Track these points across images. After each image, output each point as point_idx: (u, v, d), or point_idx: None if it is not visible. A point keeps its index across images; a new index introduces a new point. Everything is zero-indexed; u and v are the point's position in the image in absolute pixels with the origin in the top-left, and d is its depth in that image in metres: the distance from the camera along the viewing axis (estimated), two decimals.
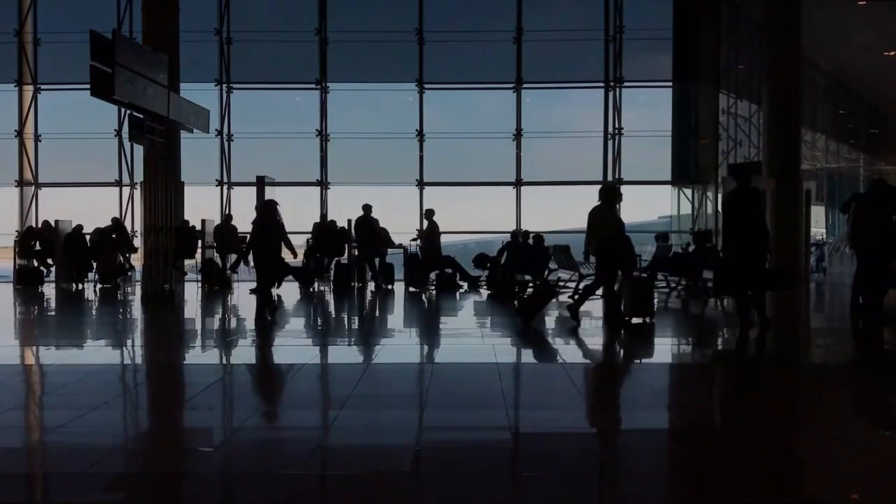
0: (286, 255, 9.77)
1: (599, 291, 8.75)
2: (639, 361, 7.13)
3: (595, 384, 5.87)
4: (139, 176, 14.75)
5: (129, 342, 8.49)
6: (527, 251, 13.01)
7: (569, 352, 7.38)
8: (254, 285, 10.54)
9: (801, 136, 14.86)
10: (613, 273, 8.44)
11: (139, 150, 14.07)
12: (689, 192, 18.18)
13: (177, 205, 13.19)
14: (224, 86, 17.11)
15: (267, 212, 9.12)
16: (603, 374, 6.32)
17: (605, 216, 8.34)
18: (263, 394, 5.60)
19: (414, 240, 14.72)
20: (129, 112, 11.85)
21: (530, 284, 13.09)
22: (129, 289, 14.51)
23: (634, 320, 8.59)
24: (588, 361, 7.01)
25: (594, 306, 10.42)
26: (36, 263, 15.54)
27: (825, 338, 8.62)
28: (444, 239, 14.55)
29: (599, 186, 8.72)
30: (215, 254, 14.94)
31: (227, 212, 16.46)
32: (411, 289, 13.73)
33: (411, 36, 16.83)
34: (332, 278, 14.56)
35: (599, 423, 4.62)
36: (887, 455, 3.84)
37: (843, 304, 9.52)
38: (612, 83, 17.13)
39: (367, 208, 14.23)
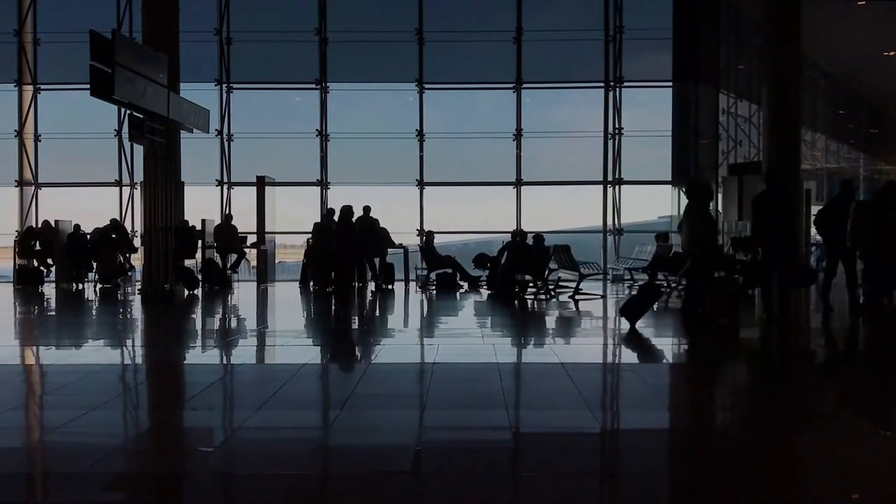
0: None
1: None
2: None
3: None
4: (139, 176, 14.75)
5: (129, 342, 8.50)
6: (526, 251, 13.01)
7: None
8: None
9: (801, 136, 14.84)
10: (705, 272, 8.35)
11: (139, 150, 14.06)
12: None
13: (177, 205, 13.18)
14: (224, 86, 17.11)
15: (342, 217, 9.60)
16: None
17: (696, 215, 8.19)
18: (263, 393, 5.60)
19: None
20: (129, 112, 11.86)
21: (530, 284, 13.10)
22: (129, 289, 14.51)
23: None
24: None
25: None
26: (36, 263, 15.53)
27: (826, 336, 8.63)
28: (444, 239, 14.53)
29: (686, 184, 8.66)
30: (215, 254, 14.94)
31: (227, 212, 16.46)
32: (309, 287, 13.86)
33: (411, 36, 16.82)
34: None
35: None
36: None
37: (846, 303, 9.51)
38: (612, 83, 17.13)
39: (366, 209, 14.25)
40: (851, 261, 9.20)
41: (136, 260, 15.12)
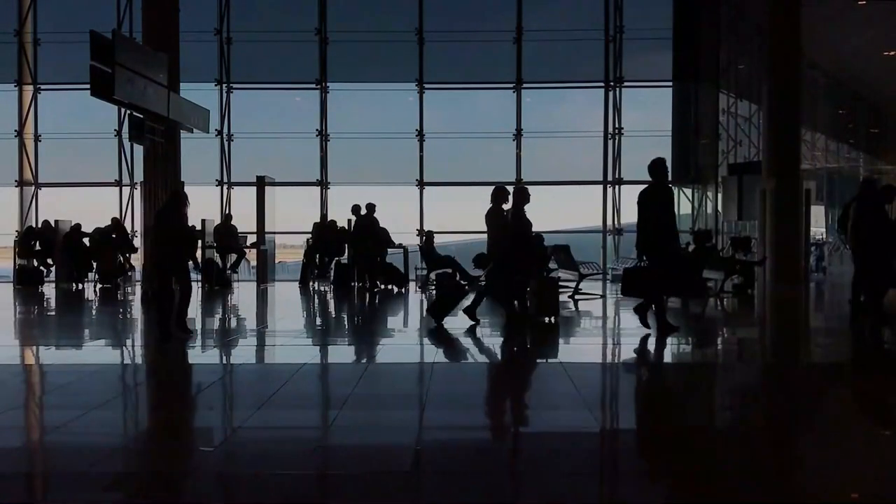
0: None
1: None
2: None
3: None
4: (139, 176, 14.73)
5: (129, 342, 8.49)
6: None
7: None
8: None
9: (801, 136, 14.84)
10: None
11: (139, 150, 14.04)
12: (689, 192, 18.19)
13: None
14: (224, 86, 17.11)
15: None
16: None
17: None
18: (263, 393, 5.59)
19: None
20: (129, 112, 11.86)
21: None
22: (129, 289, 14.51)
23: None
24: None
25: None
26: (36, 263, 15.52)
27: (825, 337, 8.62)
28: (444, 239, 14.49)
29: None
30: (215, 254, 14.93)
31: (227, 212, 16.45)
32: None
33: (411, 36, 16.81)
34: (331, 278, 14.55)
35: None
36: None
37: (845, 303, 9.51)
38: (612, 83, 17.13)
39: (370, 207, 14.13)
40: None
41: (136, 260, 15.11)
